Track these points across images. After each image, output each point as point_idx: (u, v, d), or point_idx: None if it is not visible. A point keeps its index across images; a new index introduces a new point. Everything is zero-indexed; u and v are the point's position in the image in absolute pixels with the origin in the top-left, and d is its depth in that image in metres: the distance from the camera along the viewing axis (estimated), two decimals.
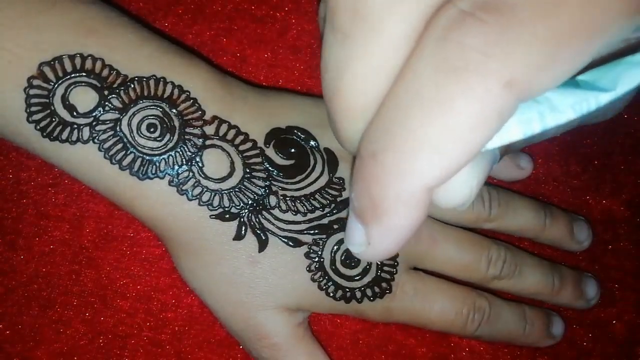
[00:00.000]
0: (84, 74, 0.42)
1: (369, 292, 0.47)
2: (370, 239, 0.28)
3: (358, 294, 0.47)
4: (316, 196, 0.46)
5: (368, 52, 0.26)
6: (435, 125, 0.24)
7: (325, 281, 0.46)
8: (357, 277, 0.47)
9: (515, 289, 0.53)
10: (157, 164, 0.43)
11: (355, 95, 0.27)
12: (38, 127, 0.42)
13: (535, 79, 0.23)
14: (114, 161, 0.43)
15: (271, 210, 0.45)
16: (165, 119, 0.44)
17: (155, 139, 0.43)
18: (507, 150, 0.32)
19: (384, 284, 0.47)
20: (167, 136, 0.43)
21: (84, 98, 0.43)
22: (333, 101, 0.29)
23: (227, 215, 0.45)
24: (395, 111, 0.25)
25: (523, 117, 0.26)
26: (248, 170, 0.45)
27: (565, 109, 0.26)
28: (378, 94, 0.27)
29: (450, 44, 0.23)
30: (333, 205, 0.46)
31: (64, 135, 0.42)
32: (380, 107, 0.27)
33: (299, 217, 0.46)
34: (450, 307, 0.50)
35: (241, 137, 0.45)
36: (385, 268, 0.47)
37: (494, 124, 0.24)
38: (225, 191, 0.44)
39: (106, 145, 0.43)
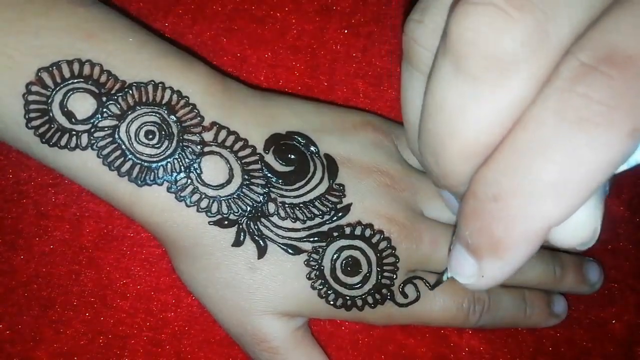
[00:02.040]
0: (82, 80, 0.42)
1: (369, 299, 0.47)
2: (485, 271, 0.31)
3: (359, 302, 0.47)
4: (316, 203, 0.46)
5: (497, 96, 0.28)
6: (561, 171, 0.26)
7: (325, 289, 0.46)
8: (358, 285, 0.47)
9: (518, 282, 0.53)
10: (156, 171, 0.43)
11: (476, 136, 0.29)
12: (37, 133, 0.42)
13: None
14: (112, 168, 0.43)
15: (270, 218, 0.45)
16: (164, 126, 0.43)
17: (153, 146, 0.43)
18: None
19: (384, 291, 0.47)
20: (166, 143, 0.43)
21: (82, 104, 0.42)
22: (447, 140, 0.30)
23: (226, 222, 0.45)
24: (519, 156, 0.27)
25: None
26: (247, 177, 0.45)
27: None
28: (498, 136, 0.28)
29: (575, 96, 0.25)
30: (333, 212, 0.46)
31: (63, 142, 0.42)
32: (497, 151, 0.28)
33: (298, 225, 0.46)
34: (450, 303, 0.50)
35: (240, 143, 0.45)
36: (386, 274, 0.47)
37: (616, 167, 0.26)
38: (224, 198, 0.44)
39: (105, 152, 0.42)
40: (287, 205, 0.46)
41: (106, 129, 0.43)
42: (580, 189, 0.26)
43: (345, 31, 0.55)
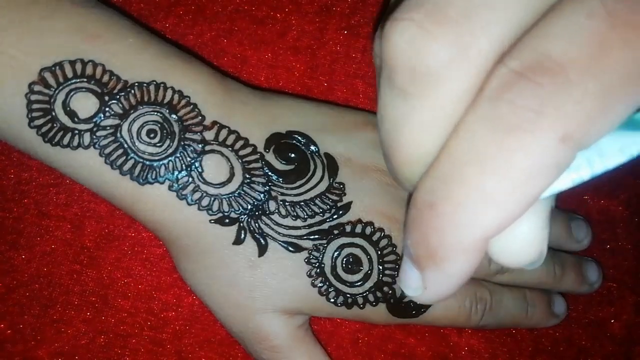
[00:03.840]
0: (84, 79, 0.43)
1: (371, 297, 0.47)
2: (427, 284, 0.30)
3: (360, 300, 0.47)
4: (316, 201, 0.46)
5: (425, 108, 0.28)
6: (492, 178, 0.25)
7: (325, 287, 0.46)
8: (359, 283, 0.47)
9: (518, 281, 0.53)
10: (157, 169, 0.44)
11: (412, 147, 0.29)
12: (39, 133, 0.42)
13: (590, 130, 0.24)
14: (114, 166, 0.43)
15: (271, 216, 0.45)
16: (165, 125, 0.44)
17: (155, 145, 0.43)
18: None
19: (385, 289, 0.47)
20: (167, 142, 0.44)
21: (85, 104, 0.43)
22: (391, 150, 0.30)
23: (227, 220, 0.45)
24: (451, 164, 0.27)
25: (572, 165, 0.26)
26: (248, 176, 0.45)
27: (614, 153, 0.27)
28: (434, 146, 0.28)
29: (504, 104, 0.25)
30: (333, 210, 0.46)
31: (65, 141, 0.42)
32: (435, 160, 0.28)
33: (298, 223, 0.46)
34: (452, 302, 0.50)
35: (241, 142, 0.45)
36: (387, 272, 0.47)
37: (550, 176, 0.25)
38: (225, 196, 0.45)
39: (107, 151, 0.43)
40: (287, 204, 0.46)
41: (108, 128, 0.43)
42: (514, 197, 0.26)
43: (345, 32, 0.55)
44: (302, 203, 0.46)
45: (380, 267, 0.47)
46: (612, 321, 0.57)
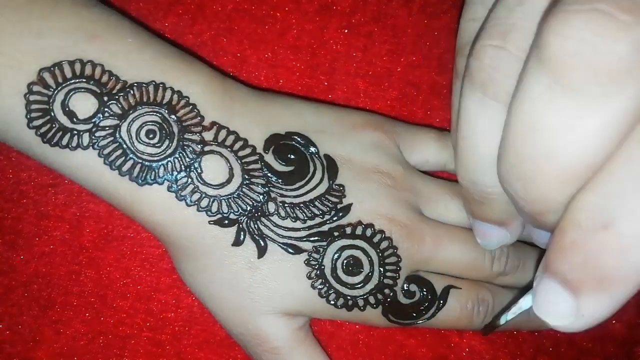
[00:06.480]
0: (83, 79, 0.42)
1: (371, 299, 0.47)
2: (586, 309, 0.28)
3: (360, 302, 0.47)
4: (316, 203, 0.46)
5: (604, 110, 0.25)
6: None
7: (325, 289, 0.46)
8: (359, 285, 0.47)
9: (521, 283, 0.53)
10: (156, 170, 0.43)
11: (578, 157, 0.27)
12: (38, 133, 0.42)
13: None
14: (113, 167, 0.43)
15: (270, 217, 0.45)
16: (165, 125, 0.43)
17: (154, 145, 0.43)
18: None
19: (386, 291, 0.47)
20: (166, 142, 0.43)
21: (84, 104, 0.43)
22: (543, 163, 0.28)
23: (226, 221, 0.45)
24: (636, 177, 0.25)
25: None
26: (247, 177, 0.45)
27: None
28: (602, 156, 0.26)
29: None
30: (333, 212, 0.46)
31: (64, 141, 0.42)
32: (604, 172, 0.26)
33: (298, 224, 0.46)
34: (454, 304, 0.49)
35: (240, 143, 0.45)
36: (388, 274, 0.47)
37: None
38: (224, 197, 0.44)
39: (106, 151, 0.43)
40: (287, 205, 0.46)
41: (107, 128, 0.43)
42: None
43: (346, 31, 0.55)
44: (302, 205, 0.46)
45: (381, 269, 0.47)
46: (614, 322, 0.57)
